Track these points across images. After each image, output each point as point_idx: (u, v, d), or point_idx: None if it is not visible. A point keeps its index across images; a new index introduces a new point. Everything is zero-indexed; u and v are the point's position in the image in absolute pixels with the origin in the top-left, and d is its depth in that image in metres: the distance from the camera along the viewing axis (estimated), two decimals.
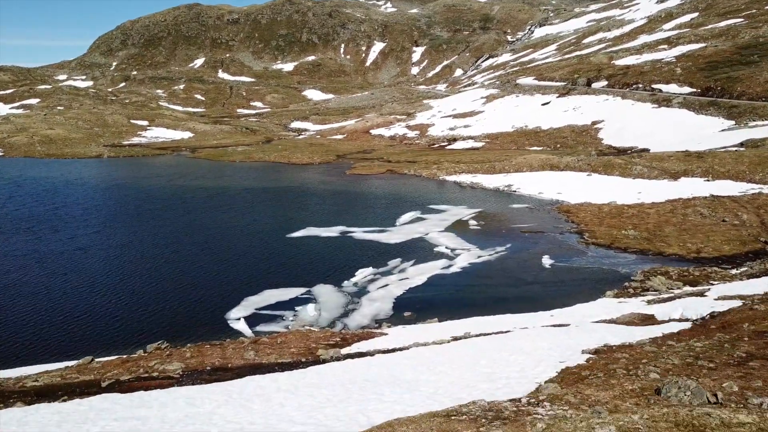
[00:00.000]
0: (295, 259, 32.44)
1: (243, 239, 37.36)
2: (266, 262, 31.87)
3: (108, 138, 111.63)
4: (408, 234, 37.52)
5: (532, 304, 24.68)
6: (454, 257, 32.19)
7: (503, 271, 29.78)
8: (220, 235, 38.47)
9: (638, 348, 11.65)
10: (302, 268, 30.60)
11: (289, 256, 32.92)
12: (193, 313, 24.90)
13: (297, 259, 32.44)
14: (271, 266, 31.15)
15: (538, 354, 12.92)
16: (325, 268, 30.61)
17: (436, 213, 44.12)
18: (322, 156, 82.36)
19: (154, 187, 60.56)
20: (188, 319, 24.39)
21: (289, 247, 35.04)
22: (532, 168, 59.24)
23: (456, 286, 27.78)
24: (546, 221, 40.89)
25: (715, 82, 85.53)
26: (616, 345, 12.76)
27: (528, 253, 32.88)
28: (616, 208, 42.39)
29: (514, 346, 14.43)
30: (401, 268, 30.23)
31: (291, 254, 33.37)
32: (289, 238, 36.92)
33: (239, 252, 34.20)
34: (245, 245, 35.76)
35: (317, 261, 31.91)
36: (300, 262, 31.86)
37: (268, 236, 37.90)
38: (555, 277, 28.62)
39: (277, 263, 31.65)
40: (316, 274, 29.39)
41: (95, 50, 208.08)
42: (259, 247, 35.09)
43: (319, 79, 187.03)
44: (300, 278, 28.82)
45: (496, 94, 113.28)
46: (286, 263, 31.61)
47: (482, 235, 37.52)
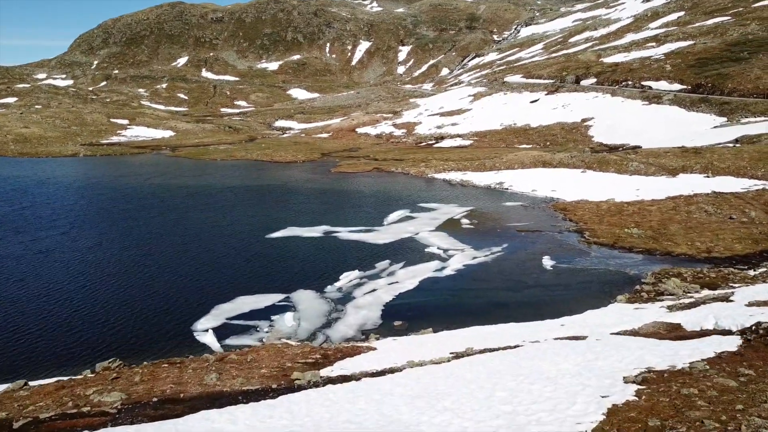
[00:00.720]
0: (273, 261, 29.48)
1: (219, 240, 34.32)
2: (242, 266, 28.86)
3: (86, 137, 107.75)
4: (397, 234, 34.71)
5: (536, 311, 21.98)
6: (447, 258, 29.44)
7: (501, 274, 27.07)
8: (195, 237, 35.40)
9: (701, 377, 8.95)
10: (281, 272, 27.65)
11: (267, 259, 29.94)
12: (157, 324, 21.86)
13: (276, 261, 29.48)
14: (248, 270, 28.16)
15: (568, 382, 10.17)
16: (306, 271, 27.70)
17: (425, 211, 41.38)
18: (307, 154, 79.33)
19: (130, 186, 57.20)
20: (151, 330, 21.36)
21: (268, 248, 32.06)
22: (523, 165, 56.73)
23: (450, 290, 25.01)
24: (542, 220, 38.31)
25: (706, 79, 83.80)
26: (665, 370, 10.05)
27: (526, 254, 30.22)
28: (616, 206, 39.93)
29: (533, 368, 11.67)
30: (390, 271, 27.41)
31: (269, 256, 30.39)
32: (269, 239, 33.94)
33: (214, 254, 31.17)
34: (221, 247, 32.73)
35: (298, 264, 28.98)
36: (279, 265, 28.90)
37: (246, 237, 34.89)
38: (558, 280, 25.96)
39: (254, 266, 28.66)
40: (296, 279, 26.47)
41: (76, 49, 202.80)
42: (235, 249, 32.07)
43: (305, 78, 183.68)
44: (278, 283, 25.89)
45: (483, 92, 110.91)
46: (264, 266, 28.63)
47: (476, 234, 34.82)
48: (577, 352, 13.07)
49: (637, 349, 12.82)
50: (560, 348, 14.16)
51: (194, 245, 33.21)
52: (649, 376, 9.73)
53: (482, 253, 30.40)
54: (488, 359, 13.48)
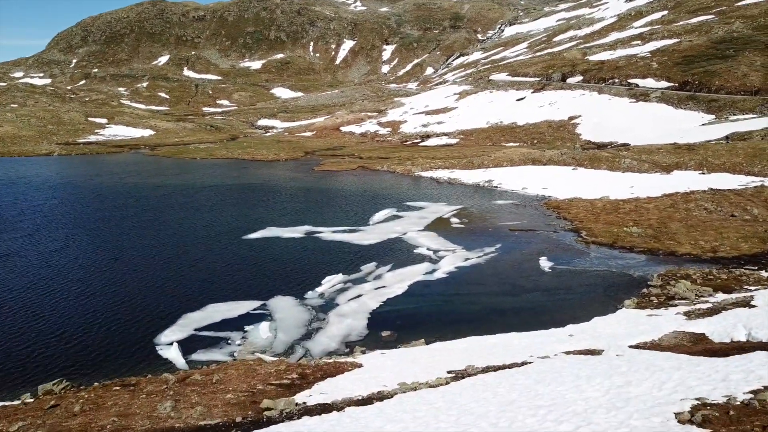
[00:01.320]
0: (250, 265, 27.05)
1: (193, 242, 31.81)
2: (216, 270, 26.40)
3: (62, 136, 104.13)
4: (383, 234, 32.46)
5: (537, 318, 19.88)
6: (437, 260, 27.24)
7: (496, 276, 24.93)
8: (168, 239, 32.84)
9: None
10: (258, 276, 25.24)
11: (243, 262, 27.50)
12: (118, 336, 19.37)
13: (253, 265, 27.06)
14: (221, 274, 25.70)
15: (603, 420, 8.00)
16: (285, 275, 25.33)
17: (413, 210, 39.19)
18: (289, 153, 76.80)
19: (104, 185, 54.30)
20: (110, 344, 18.88)
21: (244, 251, 29.62)
22: (512, 163, 54.80)
23: (443, 295, 22.81)
24: (535, 218, 36.31)
25: (693, 77, 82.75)
26: (725, 404, 7.93)
27: (522, 254, 28.14)
28: (611, 204, 38.07)
29: (553, 397, 9.49)
30: (377, 275, 25.14)
31: (246, 259, 27.95)
32: (246, 241, 31.50)
33: (186, 258, 28.67)
34: (195, 250, 30.22)
35: (276, 267, 26.58)
36: (256, 268, 26.48)
37: (222, 239, 32.40)
38: (558, 283, 23.89)
39: (229, 271, 26.20)
40: (273, 284, 24.10)
41: (54, 47, 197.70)
42: (210, 252, 29.58)
43: (288, 77, 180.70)
44: (254, 289, 23.49)
45: (469, 91, 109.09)
46: (240, 270, 26.19)
47: (467, 234, 32.68)
48: (600, 374, 10.92)
49: (672, 369, 10.69)
50: (578, 367, 12.01)
51: (166, 248, 30.67)
52: (709, 414, 7.59)
53: (475, 253, 28.27)
54: (496, 382, 11.27)
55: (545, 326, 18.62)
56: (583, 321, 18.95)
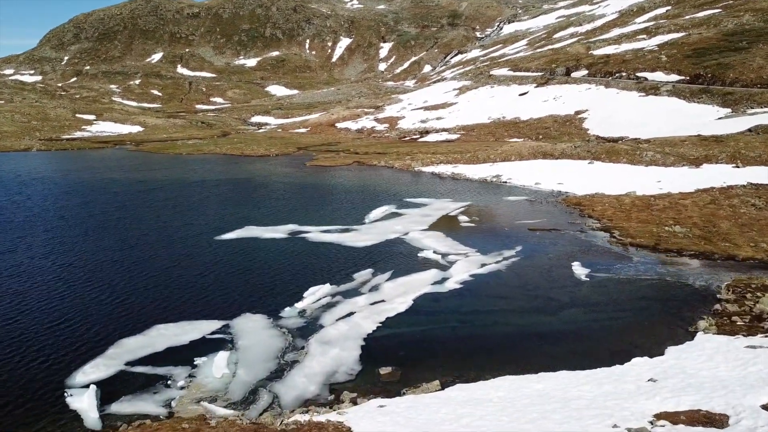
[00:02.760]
0: (216, 272, 21.71)
1: (159, 245, 26.47)
2: (174, 279, 21.04)
3: (47, 132, 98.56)
4: (381, 234, 27.20)
5: (587, 346, 14.68)
6: (447, 266, 21.98)
7: (523, 288, 19.69)
8: (131, 240, 27.49)
9: None
10: (224, 287, 19.92)
11: (209, 269, 22.15)
12: (19, 373, 14.05)
13: (219, 272, 21.72)
14: (179, 285, 20.35)
15: None
16: (258, 286, 20.02)
17: (414, 207, 33.94)
18: (281, 148, 71.48)
19: (78, 181, 48.86)
20: (6, 386, 13.56)
21: (213, 254, 24.29)
22: (521, 156, 49.60)
23: (458, 313, 17.55)
24: (556, 216, 31.11)
25: (705, 69, 77.67)
26: None
27: (549, 259, 22.91)
28: (641, 200, 32.89)
29: None
30: (373, 285, 19.86)
31: (213, 266, 22.61)
32: (219, 243, 26.18)
33: (144, 264, 23.33)
34: (156, 253, 24.88)
35: (248, 275, 21.24)
36: (223, 277, 21.15)
37: (191, 240, 27.06)
38: (601, 296, 18.68)
39: (189, 280, 20.83)
40: (242, 297, 18.80)
41: (46, 44, 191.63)
42: (172, 256, 24.23)
43: (283, 74, 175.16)
44: (216, 304, 18.21)
45: (469, 86, 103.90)
46: (202, 280, 20.84)
47: (479, 234, 27.45)
48: None
49: None
50: None
51: (124, 252, 25.32)
52: None
53: (492, 258, 23.02)
54: None
55: (603, 360, 13.42)
56: (652, 352, 13.75)
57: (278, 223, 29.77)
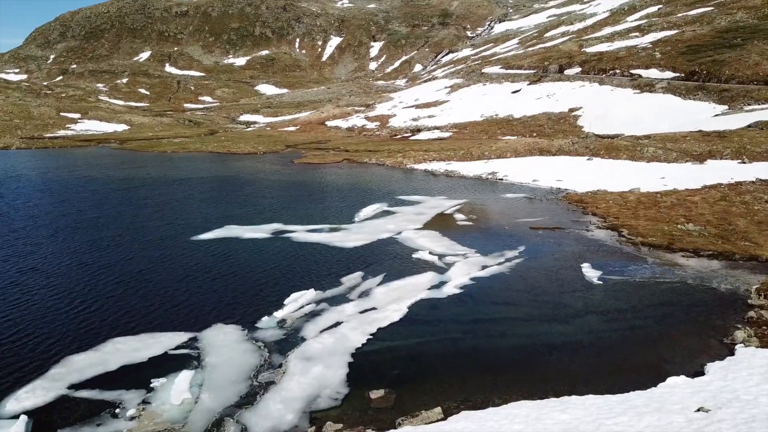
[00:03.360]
0: (188, 277, 19.42)
1: (131, 246, 24.13)
2: (142, 285, 18.74)
3: (29, 130, 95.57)
4: (372, 233, 25.02)
5: (609, 362, 12.60)
6: (444, 268, 19.85)
7: (530, 293, 17.59)
8: (100, 242, 25.13)
9: None
10: (195, 294, 17.65)
11: (180, 273, 19.84)
12: None
13: (192, 276, 19.43)
14: (147, 291, 18.06)
15: None
16: (233, 291, 17.77)
17: (407, 205, 31.80)
18: (269, 146, 69.13)
19: (54, 180, 46.27)
20: None
21: (188, 256, 21.99)
22: (517, 153, 47.62)
23: (459, 322, 15.40)
24: (557, 214, 29.10)
25: (700, 66, 76.19)
26: None
27: (555, 260, 20.84)
28: (646, 197, 30.96)
29: None
30: (363, 290, 17.68)
31: (185, 270, 20.30)
32: (195, 243, 23.90)
33: (112, 268, 21.01)
34: (125, 256, 22.55)
35: (224, 280, 18.97)
36: (195, 281, 18.86)
37: (167, 241, 24.74)
38: (618, 301, 16.62)
39: (157, 285, 18.53)
40: (214, 305, 16.56)
41: (31, 42, 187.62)
42: (145, 259, 21.91)
43: (273, 74, 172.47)
44: (185, 313, 15.96)
45: (461, 84, 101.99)
46: (172, 286, 18.55)
47: (478, 233, 25.34)
48: None
49: None
50: None
51: (95, 254, 22.97)
52: None
53: (493, 259, 20.92)
54: None
55: (633, 380, 11.33)
56: (690, 369, 11.69)
57: (261, 222, 27.53)
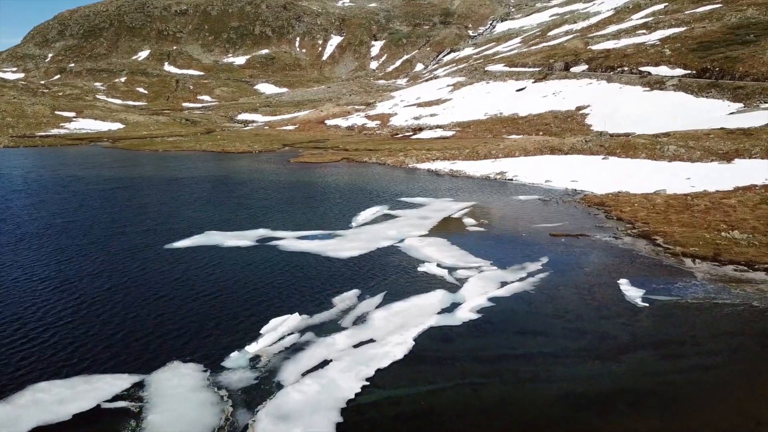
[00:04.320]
0: (148, 298, 16.07)
1: (97, 257, 20.82)
2: (91, 309, 15.36)
3: (21, 129, 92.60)
4: (371, 240, 21.73)
5: (685, 423, 9.30)
6: (456, 285, 16.56)
7: (562, 318, 14.28)
8: (71, 250, 21.83)
9: None
10: (151, 321, 14.28)
11: (140, 293, 16.46)
12: None
13: (152, 297, 16.08)
14: (94, 317, 14.68)
15: None
16: (198, 317, 14.42)
17: (410, 208, 28.51)
18: (265, 145, 65.89)
19: (36, 179, 43.05)
20: None
21: (155, 270, 18.66)
22: (526, 152, 44.32)
23: (479, 361, 12.07)
24: (578, 218, 25.80)
25: (712, 63, 72.83)
26: None
27: (586, 275, 17.54)
28: (675, 199, 27.65)
29: None
30: (358, 315, 14.38)
31: (147, 287, 16.95)
32: (168, 253, 20.59)
33: (65, 286, 17.71)
34: (89, 270, 19.22)
35: (189, 301, 15.59)
36: (154, 304, 15.51)
37: (138, 250, 21.43)
38: (673, 331, 13.32)
39: (109, 310, 15.15)
40: (173, 336, 13.23)
41: (29, 41, 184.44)
42: (105, 274, 18.59)
43: (273, 73, 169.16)
44: (136, 347, 12.65)
45: (463, 82, 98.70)
46: (126, 310, 15.15)
47: (492, 241, 22.04)
48: None
49: None
50: None
51: (52, 268, 19.67)
52: None
53: (512, 273, 17.63)
54: None
55: None
56: None
57: (246, 227, 24.24)
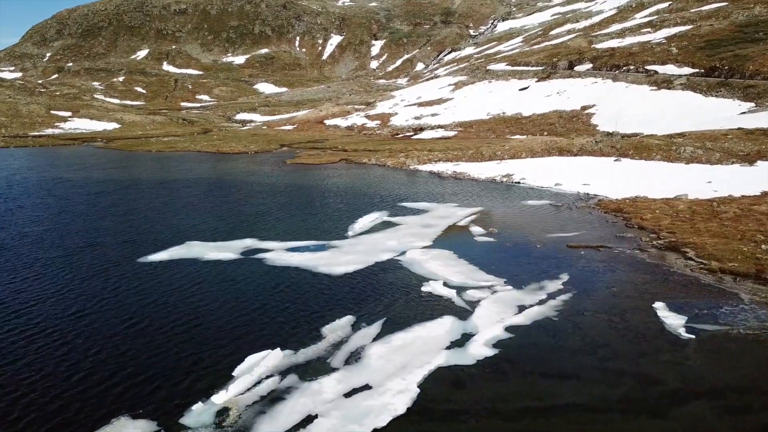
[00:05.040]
0: (107, 331, 13.61)
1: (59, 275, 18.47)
2: (37, 345, 12.97)
3: (14, 129, 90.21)
4: (368, 253, 19.36)
5: None
6: (467, 310, 14.20)
7: (594, 356, 11.90)
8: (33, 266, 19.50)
9: None
10: (104, 363, 11.85)
11: (99, 325, 14.00)
12: None
13: (113, 332, 13.61)
14: (38, 356, 12.28)
15: None
16: (160, 357, 11.97)
17: (412, 214, 26.15)
18: (262, 145, 63.51)
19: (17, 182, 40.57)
20: None
21: (123, 293, 16.25)
22: (533, 153, 41.95)
23: (500, 416, 9.70)
24: (595, 227, 23.43)
25: (721, 62, 70.38)
26: None
27: (614, 297, 15.17)
28: (700, 205, 25.28)
29: None
30: (351, 349, 12.00)
31: (110, 317, 14.48)
32: (141, 269, 18.23)
33: (13, 314, 15.39)
34: (45, 292, 16.86)
35: (153, 334, 13.14)
36: (114, 340, 13.04)
37: (108, 265, 19.05)
38: (730, 374, 10.97)
39: (59, 348, 12.68)
40: (126, 382, 10.84)
41: (28, 40, 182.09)
42: (64, 298, 16.21)
43: (273, 72, 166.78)
44: (79, 399, 10.28)
45: (465, 81, 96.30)
46: (79, 347, 12.69)
47: (503, 254, 19.67)
48: None
49: None
50: None
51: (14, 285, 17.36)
52: None
53: (530, 294, 15.27)
54: None
55: None
56: None
57: (232, 236, 21.88)
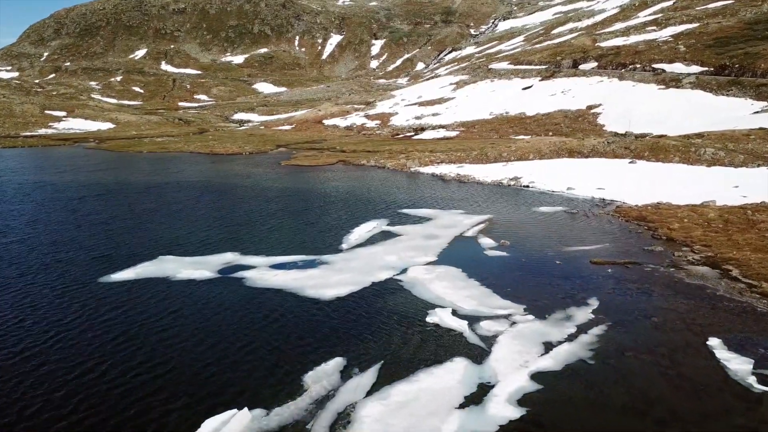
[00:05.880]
0: (38, 386, 11.13)
1: (16, 295, 15.97)
2: None
3: (6, 128, 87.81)
4: (364, 272, 16.77)
5: None
6: (482, 350, 11.61)
7: (648, 418, 9.31)
8: None
9: None
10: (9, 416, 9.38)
11: (33, 376, 11.55)
12: None
13: (48, 384, 11.12)
14: None
15: None
16: (93, 422, 9.48)
17: (414, 223, 23.55)
18: (257, 146, 60.94)
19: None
20: None
21: (74, 325, 13.67)
22: (541, 154, 39.36)
23: None
24: (618, 237, 20.85)
25: (731, 60, 67.76)
26: None
27: (656, 329, 12.58)
28: (732, 213, 22.69)
29: None
30: (338, 409, 9.38)
31: (48, 363, 11.98)
32: (102, 290, 15.64)
33: None
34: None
35: (82, 391, 10.62)
36: (28, 395, 10.57)
37: (68, 286, 16.46)
38: None
39: None
40: None
41: (25, 40, 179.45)
42: (10, 330, 13.70)
43: (272, 72, 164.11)
44: None
45: (467, 80, 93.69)
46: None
47: (519, 272, 17.07)
48: None
49: None
50: None
51: None
52: None
53: (556, 327, 12.68)
54: None
55: None
56: None
57: (212, 249, 19.31)
